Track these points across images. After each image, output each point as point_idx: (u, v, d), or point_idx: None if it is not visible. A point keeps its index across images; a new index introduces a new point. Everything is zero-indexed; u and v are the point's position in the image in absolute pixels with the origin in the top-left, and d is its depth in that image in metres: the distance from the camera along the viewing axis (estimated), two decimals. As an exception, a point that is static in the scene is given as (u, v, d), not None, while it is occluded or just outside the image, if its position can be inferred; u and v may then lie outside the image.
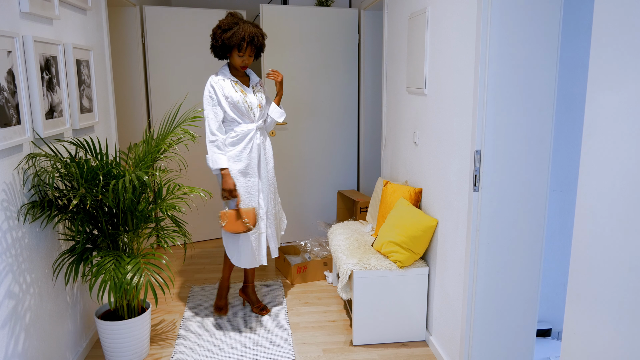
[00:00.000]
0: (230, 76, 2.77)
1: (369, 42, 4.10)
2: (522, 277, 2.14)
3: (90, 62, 2.71)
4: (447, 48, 2.31)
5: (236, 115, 2.75)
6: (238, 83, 2.78)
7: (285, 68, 4.02)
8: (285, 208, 4.22)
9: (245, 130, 2.76)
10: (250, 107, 2.76)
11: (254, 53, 2.76)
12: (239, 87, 2.76)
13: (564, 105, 2.44)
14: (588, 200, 1.27)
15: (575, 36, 2.39)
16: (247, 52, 2.71)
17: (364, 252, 2.75)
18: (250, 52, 2.72)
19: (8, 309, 1.88)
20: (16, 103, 1.94)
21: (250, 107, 2.76)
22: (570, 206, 2.53)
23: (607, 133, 1.20)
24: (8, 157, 1.92)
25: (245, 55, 2.72)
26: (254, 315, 3.00)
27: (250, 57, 2.74)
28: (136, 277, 2.15)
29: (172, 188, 2.47)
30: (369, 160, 4.32)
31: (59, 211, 2.17)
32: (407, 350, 2.64)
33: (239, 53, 2.70)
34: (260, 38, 2.74)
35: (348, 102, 4.23)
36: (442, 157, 2.42)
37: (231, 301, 3.18)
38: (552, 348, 2.56)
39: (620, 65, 1.15)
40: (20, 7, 2.00)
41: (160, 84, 4.01)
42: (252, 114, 2.78)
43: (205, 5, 4.82)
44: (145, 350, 2.55)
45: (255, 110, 2.79)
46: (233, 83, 2.75)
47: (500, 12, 1.93)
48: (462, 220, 2.21)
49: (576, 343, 1.33)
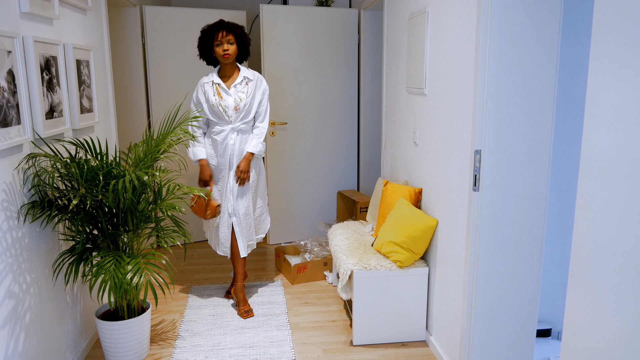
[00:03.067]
0: (215, 77, 2.92)
1: (369, 42, 4.10)
2: (522, 277, 2.14)
3: (90, 62, 2.71)
4: (447, 48, 2.31)
5: (213, 117, 2.93)
6: (220, 85, 2.89)
7: (285, 68, 4.02)
8: (286, 208, 4.22)
9: (219, 130, 2.93)
10: (225, 110, 2.88)
11: (233, 39, 2.86)
12: (218, 90, 2.89)
13: (564, 105, 2.44)
14: (588, 200, 1.27)
15: (575, 36, 2.39)
16: (225, 39, 2.83)
17: (364, 252, 2.75)
18: (227, 38, 2.83)
19: (8, 309, 1.88)
20: (16, 103, 1.94)
21: (225, 110, 2.88)
22: (570, 206, 2.53)
23: (607, 133, 1.20)
24: (8, 157, 1.92)
25: (223, 43, 2.83)
26: (254, 315, 3.00)
27: (230, 44, 2.84)
28: (136, 277, 2.15)
29: (172, 188, 2.47)
30: (369, 160, 4.32)
31: (59, 211, 2.17)
32: (407, 350, 2.64)
33: (216, 42, 2.85)
34: (233, 25, 2.86)
35: (348, 102, 4.23)
36: (442, 157, 2.42)
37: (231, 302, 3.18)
38: (552, 348, 2.56)
39: (621, 65, 1.15)
40: (20, 7, 2.00)
41: (160, 84, 4.01)
42: (226, 117, 2.89)
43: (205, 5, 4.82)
44: (145, 350, 2.55)
45: (230, 112, 2.89)
46: (216, 85, 2.89)
47: (500, 12, 1.93)
48: (462, 220, 2.21)
49: (576, 343, 1.33)
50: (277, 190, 4.20)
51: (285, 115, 4.10)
